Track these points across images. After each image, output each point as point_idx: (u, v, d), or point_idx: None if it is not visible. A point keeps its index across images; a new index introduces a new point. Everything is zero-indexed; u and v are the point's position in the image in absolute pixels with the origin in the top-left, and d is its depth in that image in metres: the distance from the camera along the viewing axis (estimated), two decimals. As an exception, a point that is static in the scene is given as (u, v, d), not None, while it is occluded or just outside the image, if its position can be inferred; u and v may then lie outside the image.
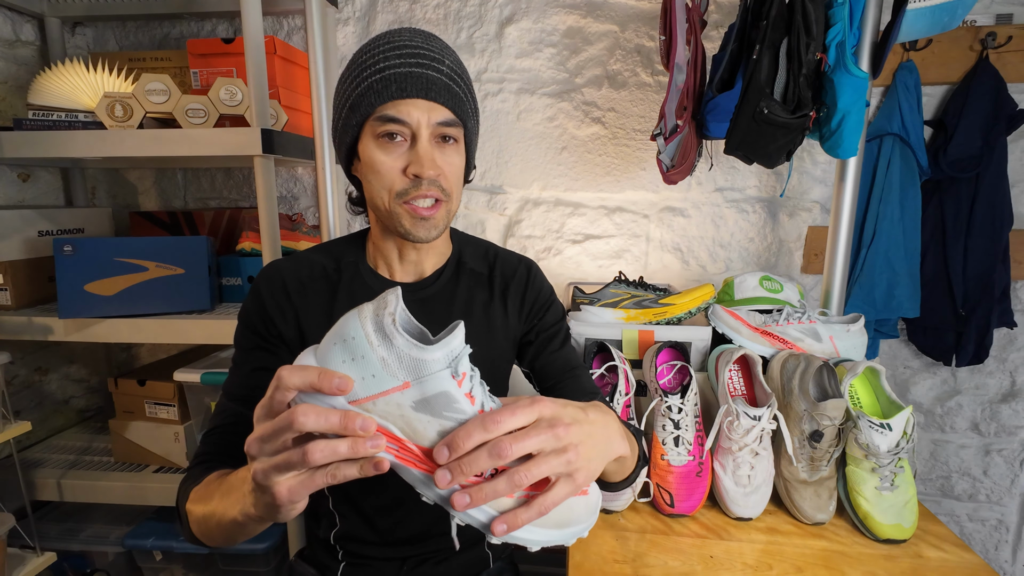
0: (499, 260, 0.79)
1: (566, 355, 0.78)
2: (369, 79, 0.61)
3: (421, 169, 0.62)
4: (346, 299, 0.72)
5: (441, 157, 0.64)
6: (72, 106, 1.11)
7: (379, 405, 0.41)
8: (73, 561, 1.33)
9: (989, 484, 1.37)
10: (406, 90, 0.60)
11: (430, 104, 0.61)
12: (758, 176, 1.33)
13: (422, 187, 0.63)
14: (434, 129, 0.63)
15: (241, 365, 0.70)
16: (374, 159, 0.63)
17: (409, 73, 0.60)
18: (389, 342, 0.40)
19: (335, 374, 0.39)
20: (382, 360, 0.40)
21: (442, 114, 0.62)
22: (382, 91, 0.60)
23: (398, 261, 0.73)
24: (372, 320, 0.41)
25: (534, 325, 0.78)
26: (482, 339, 0.74)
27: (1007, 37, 1.17)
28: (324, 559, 0.79)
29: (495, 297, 0.76)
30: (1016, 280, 1.26)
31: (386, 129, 0.62)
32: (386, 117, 0.61)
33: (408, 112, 0.61)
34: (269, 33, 1.39)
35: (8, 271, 1.19)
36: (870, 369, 0.87)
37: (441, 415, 0.42)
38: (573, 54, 1.33)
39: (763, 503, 0.83)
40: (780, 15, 0.84)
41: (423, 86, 0.61)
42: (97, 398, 1.60)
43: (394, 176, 0.63)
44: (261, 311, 0.70)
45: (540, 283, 0.80)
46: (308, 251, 0.76)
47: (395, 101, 0.61)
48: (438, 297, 0.74)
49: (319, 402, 0.40)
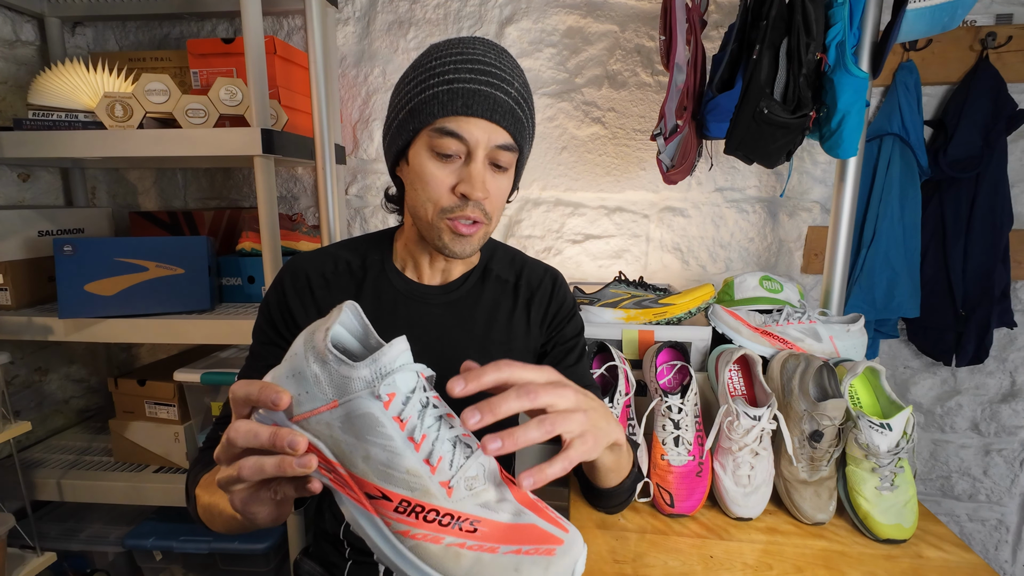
0: (526, 269, 0.79)
1: (580, 372, 0.77)
2: (436, 88, 0.59)
3: (471, 190, 0.61)
4: (371, 297, 0.72)
5: (492, 180, 0.63)
6: (72, 106, 1.11)
7: (312, 423, 0.40)
8: (73, 561, 1.33)
9: (989, 484, 1.37)
10: (471, 107, 0.59)
11: (492, 126, 0.60)
12: (758, 176, 1.33)
13: (467, 208, 0.62)
14: (491, 152, 0.62)
15: (255, 358, 0.71)
16: (425, 170, 0.62)
17: (478, 91, 0.59)
18: (322, 360, 0.39)
19: (273, 388, 0.39)
20: (315, 377, 0.39)
21: (502, 137, 0.61)
22: (447, 103, 0.59)
23: (428, 265, 0.73)
24: (311, 336, 0.40)
25: (552, 336, 0.77)
26: (503, 347, 0.73)
27: (1007, 37, 1.17)
28: (331, 556, 0.79)
29: (519, 306, 0.76)
30: (1016, 280, 1.26)
31: (443, 142, 0.60)
32: (446, 130, 0.60)
33: (469, 130, 0.60)
34: (269, 33, 1.39)
35: (8, 271, 1.19)
36: (870, 369, 0.87)
37: (365, 439, 0.39)
38: (573, 54, 1.34)
39: (763, 503, 0.83)
40: (780, 15, 0.84)
41: (489, 106, 0.59)
42: (97, 398, 1.60)
43: (442, 191, 0.62)
44: (282, 304, 0.70)
45: (564, 294, 0.79)
46: (333, 246, 0.76)
47: (458, 117, 0.59)
48: (464, 301, 0.74)
49: (269, 417, 0.40)
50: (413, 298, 0.72)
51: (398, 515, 0.38)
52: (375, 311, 0.71)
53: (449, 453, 0.40)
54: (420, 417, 0.40)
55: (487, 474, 0.42)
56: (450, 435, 0.41)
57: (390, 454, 0.39)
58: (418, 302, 0.72)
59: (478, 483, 0.40)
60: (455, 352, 0.72)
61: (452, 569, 0.37)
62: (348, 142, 1.44)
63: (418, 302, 0.72)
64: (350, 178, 1.46)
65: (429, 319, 0.72)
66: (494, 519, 0.39)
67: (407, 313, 0.72)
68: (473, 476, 0.40)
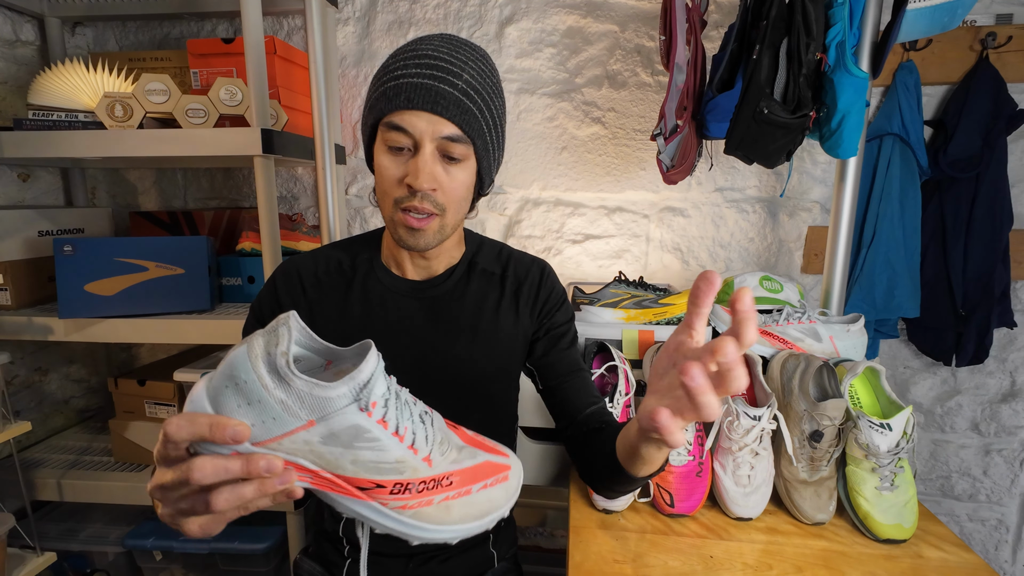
0: (512, 260, 0.80)
1: (573, 356, 0.79)
2: (386, 84, 0.62)
3: (415, 181, 0.62)
4: (360, 294, 0.73)
5: (443, 173, 0.64)
6: (72, 106, 1.11)
7: (285, 444, 0.39)
8: (73, 561, 1.33)
9: (989, 484, 1.37)
10: (413, 101, 0.60)
11: (436, 118, 0.61)
12: (758, 176, 1.33)
13: (415, 199, 0.63)
14: (439, 143, 0.62)
15: None
16: (380, 163, 0.65)
17: (420, 84, 0.60)
18: (286, 384, 0.38)
19: (228, 423, 0.37)
20: (281, 403, 0.38)
21: (448, 128, 0.62)
22: (392, 99, 0.61)
23: (409, 260, 0.74)
24: (264, 361, 0.38)
25: (543, 323, 0.79)
26: (491, 338, 0.75)
27: (1007, 37, 1.17)
28: (330, 555, 0.79)
29: (506, 296, 0.77)
30: (1016, 280, 1.26)
31: (392, 136, 0.62)
32: (392, 124, 0.62)
33: (413, 123, 0.61)
34: (269, 33, 1.39)
35: (8, 271, 1.19)
36: (870, 369, 0.87)
37: (352, 446, 0.40)
38: (573, 54, 1.33)
39: (763, 503, 0.83)
40: (780, 15, 0.84)
41: (431, 98, 0.60)
42: (97, 398, 1.60)
43: (392, 183, 0.64)
44: (274, 304, 0.72)
45: (552, 283, 0.81)
46: (326, 247, 0.78)
47: (401, 111, 0.61)
48: (450, 295, 0.75)
49: (219, 448, 0.38)
50: (400, 294, 0.74)
51: (393, 496, 0.42)
52: (364, 308, 0.73)
53: (422, 431, 0.44)
54: (399, 412, 0.43)
55: (445, 433, 0.47)
56: (417, 413, 0.45)
57: (379, 452, 0.41)
58: (405, 297, 0.74)
59: (444, 445, 0.46)
60: (442, 345, 0.73)
61: (447, 519, 0.44)
62: (348, 142, 1.44)
63: (405, 297, 0.74)
64: (350, 178, 1.46)
65: (416, 314, 0.74)
66: (461, 468, 0.46)
67: (395, 308, 0.74)
68: (439, 441, 0.46)
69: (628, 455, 0.59)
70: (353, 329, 0.72)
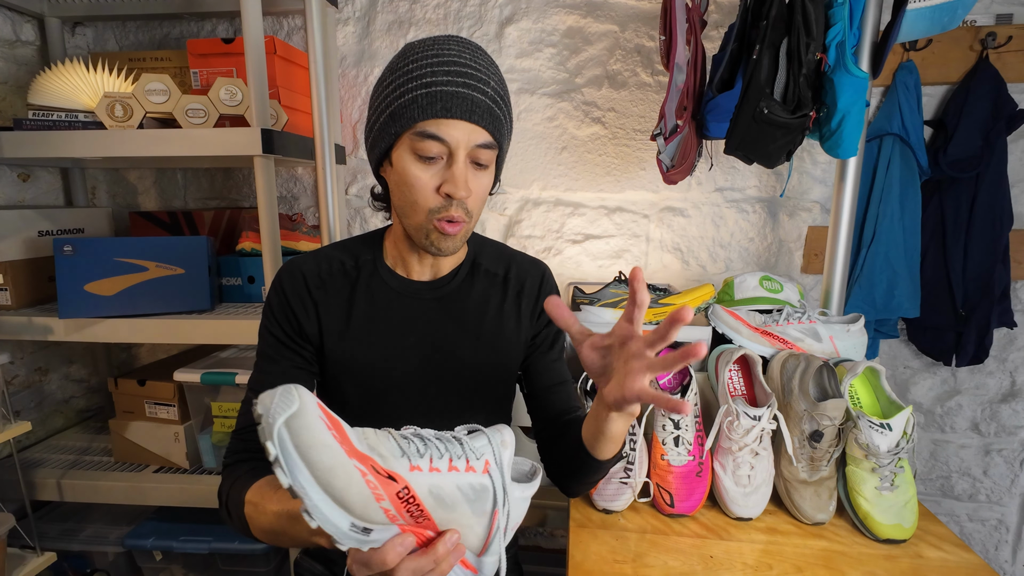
0: (514, 263, 0.80)
1: (561, 366, 0.80)
2: (414, 91, 0.61)
3: (455, 190, 0.62)
4: (365, 295, 0.73)
5: (473, 179, 0.64)
6: (72, 106, 1.11)
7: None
8: (73, 561, 1.33)
9: (989, 484, 1.37)
10: (451, 110, 0.60)
11: (472, 126, 0.61)
12: (758, 176, 1.33)
13: (452, 207, 0.63)
14: (471, 151, 0.63)
15: (267, 363, 0.71)
16: (409, 172, 0.63)
17: (456, 93, 0.60)
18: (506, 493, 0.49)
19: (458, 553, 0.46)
20: None
21: (481, 136, 0.62)
22: (427, 107, 0.60)
23: (417, 263, 0.74)
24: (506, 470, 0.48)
25: (541, 328, 0.79)
26: (493, 339, 0.75)
27: (1007, 37, 1.17)
28: (331, 554, 0.79)
29: (509, 298, 0.77)
30: (1016, 280, 1.26)
31: (425, 145, 0.61)
32: (427, 134, 0.61)
33: (449, 132, 0.61)
34: (269, 33, 1.39)
35: (8, 271, 1.19)
36: (870, 369, 0.87)
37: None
38: (573, 54, 1.33)
39: (763, 503, 0.83)
40: (780, 15, 0.84)
41: (468, 107, 0.61)
42: (97, 398, 1.60)
43: (428, 193, 0.63)
44: (285, 306, 0.72)
45: (552, 287, 0.81)
46: (326, 248, 0.78)
47: (438, 120, 0.61)
48: (455, 295, 0.75)
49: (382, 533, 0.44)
50: (405, 295, 0.74)
51: None
52: (370, 309, 0.73)
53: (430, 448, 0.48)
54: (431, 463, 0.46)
55: None
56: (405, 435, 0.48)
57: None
58: (411, 298, 0.74)
59: None
60: (447, 345, 0.74)
61: None
62: (348, 142, 1.44)
63: (411, 298, 0.74)
64: (350, 178, 1.46)
65: (422, 314, 0.74)
66: None
67: (400, 309, 0.73)
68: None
69: (593, 436, 0.61)
70: (359, 330, 0.72)
